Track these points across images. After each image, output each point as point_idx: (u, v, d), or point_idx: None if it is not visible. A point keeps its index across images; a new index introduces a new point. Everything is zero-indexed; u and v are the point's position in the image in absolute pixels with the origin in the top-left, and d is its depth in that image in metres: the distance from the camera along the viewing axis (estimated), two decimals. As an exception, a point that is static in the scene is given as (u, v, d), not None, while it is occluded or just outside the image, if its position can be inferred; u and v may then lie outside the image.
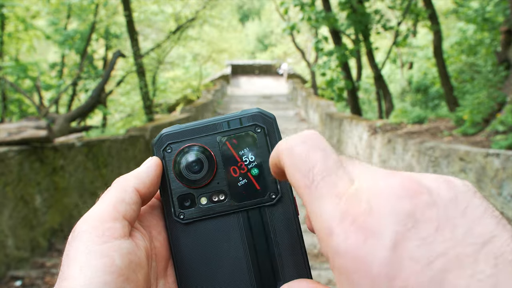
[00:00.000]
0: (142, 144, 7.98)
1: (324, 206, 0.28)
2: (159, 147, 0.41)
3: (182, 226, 0.40)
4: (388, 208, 0.26)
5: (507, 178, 3.78)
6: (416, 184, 0.27)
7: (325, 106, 13.35)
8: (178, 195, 0.40)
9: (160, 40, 15.33)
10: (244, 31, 45.46)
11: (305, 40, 25.01)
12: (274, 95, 23.37)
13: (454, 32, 13.60)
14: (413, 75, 15.92)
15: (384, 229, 0.25)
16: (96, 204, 0.36)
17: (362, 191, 0.28)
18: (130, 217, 0.36)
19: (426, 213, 0.26)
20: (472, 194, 0.27)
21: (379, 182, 0.28)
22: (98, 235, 0.33)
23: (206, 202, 0.40)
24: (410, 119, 7.75)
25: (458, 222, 0.25)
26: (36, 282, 3.82)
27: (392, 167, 6.73)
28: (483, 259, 0.24)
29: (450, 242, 0.24)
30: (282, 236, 0.38)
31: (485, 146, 5.03)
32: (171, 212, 0.40)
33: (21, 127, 4.35)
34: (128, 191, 0.37)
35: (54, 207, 4.83)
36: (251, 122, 0.40)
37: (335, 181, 0.29)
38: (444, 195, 0.27)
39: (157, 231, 0.40)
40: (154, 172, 0.39)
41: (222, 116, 0.41)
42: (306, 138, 0.31)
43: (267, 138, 0.40)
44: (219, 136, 0.40)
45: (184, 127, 0.41)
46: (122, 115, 15.95)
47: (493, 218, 0.26)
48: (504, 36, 7.61)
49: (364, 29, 10.24)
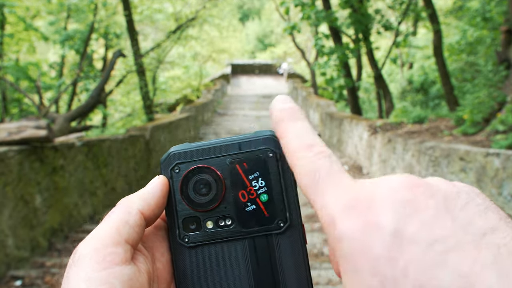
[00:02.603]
0: (142, 143, 7.97)
1: (328, 199, 0.29)
2: (167, 166, 0.40)
3: (186, 249, 0.39)
4: (388, 196, 0.27)
5: (507, 178, 3.78)
6: (415, 179, 0.28)
7: (325, 106, 13.35)
8: (184, 218, 0.39)
9: (160, 39, 15.33)
10: (244, 30, 45.45)
11: (305, 39, 25.01)
12: (274, 94, 23.23)
13: (455, 31, 13.59)
14: (413, 74, 15.92)
15: (384, 214, 0.26)
16: (99, 225, 0.35)
17: (364, 185, 0.29)
18: (133, 240, 0.35)
19: (425, 202, 0.26)
20: (475, 194, 0.27)
21: (381, 178, 0.29)
22: (98, 261, 0.32)
23: (212, 226, 0.39)
24: (410, 119, 7.75)
25: (458, 215, 0.26)
26: (36, 281, 3.82)
27: (392, 166, 6.73)
28: (485, 247, 0.24)
29: (450, 230, 0.25)
30: (288, 265, 0.37)
31: (485, 145, 5.03)
32: (175, 235, 0.39)
33: (21, 127, 4.35)
34: (132, 213, 0.36)
35: (54, 207, 4.83)
36: (263, 146, 0.39)
37: (339, 178, 0.30)
38: (443, 189, 0.27)
39: (160, 252, 0.39)
40: (160, 192, 0.38)
41: (233, 137, 0.40)
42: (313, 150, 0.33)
43: (279, 163, 0.39)
44: (230, 158, 0.39)
45: (194, 146, 0.40)
46: (122, 114, 15.95)
47: (496, 214, 0.26)
48: (504, 35, 7.61)
49: (365, 28, 10.25)
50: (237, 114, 17.26)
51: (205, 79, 23.42)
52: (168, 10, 15.11)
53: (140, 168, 7.83)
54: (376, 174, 7.49)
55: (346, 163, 9.04)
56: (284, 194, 0.38)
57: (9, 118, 10.16)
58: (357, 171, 8.35)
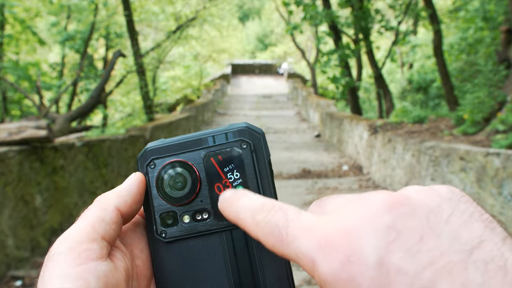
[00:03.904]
0: (142, 143, 7.98)
1: (300, 244, 0.27)
2: (143, 162, 0.40)
3: (164, 244, 0.38)
4: (366, 223, 0.25)
5: (507, 178, 3.78)
6: (393, 198, 0.26)
7: (325, 106, 13.36)
8: (161, 213, 0.39)
9: (160, 39, 15.34)
10: (244, 30, 45.45)
11: (306, 39, 25.01)
12: (274, 94, 23.37)
13: (455, 31, 13.59)
14: (413, 74, 15.92)
15: (365, 245, 0.24)
16: (75, 223, 0.35)
17: (335, 215, 0.27)
18: (110, 237, 0.35)
19: (408, 224, 0.25)
20: (457, 200, 0.26)
21: (353, 203, 0.27)
22: (73, 257, 0.32)
23: (189, 220, 0.38)
24: (410, 119, 7.75)
25: (443, 230, 0.25)
26: (36, 282, 3.81)
27: (392, 166, 6.73)
28: (473, 266, 0.23)
29: (437, 251, 0.24)
30: (266, 258, 0.37)
31: (486, 145, 5.03)
32: (153, 230, 0.39)
33: (21, 127, 4.35)
34: (109, 210, 0.36)
35: (54, 207, 4.83)
36: (237, 138, 0.39)
37: (300, 220, 0.29)
38: (425, 204, 0.26)
39: (139, 249, 0.39)
40: (137, 189, 0.38)
41: (208, 130, 0.40)
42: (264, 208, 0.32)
43: (253, 154, 0.38)
44: (204, 151, 0.39)
45: (169, 141, 0.40)
46: (122, 114, 15.96)
47: (480, 222, 0.25)
48: (504, 35, 7.61)
49: (365, 28, 10.26)
50: (237, 114, 17.27)
51: (205, 79, 23.44)
52: (168, 10, 15.11)
53: (140, 168, 7.83)
54: (376, 174, 7.49)
55: (346, 163, 9.05)
56: (260, 185, 0.38)
57: (9, 118, 10.16)
58: (357, 171, 8.35)
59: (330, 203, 0.30)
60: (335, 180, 7.62)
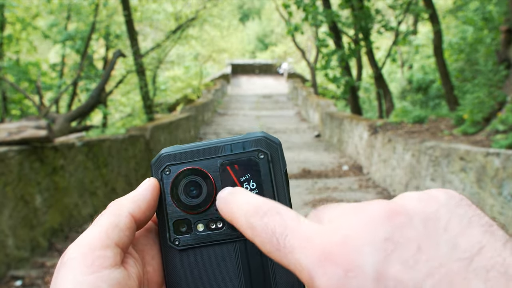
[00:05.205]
0: (142, 143, 7.98)
1: (298, 256, 0.27)
2: (158, 168, 0.39)
3: (176, 252, 0.38)
4: (364, 235, 0.25)
5: (507, 178, 3.78)
6: (389, 207, 0.26)
7: (325, 106, 13.36)
8: (175, 220, 0.38)
9: (160, 39, 15.34)
10: (244, 30, 45.45)
11: (306, 39, 25.01)
12: (274, 94, 23.38)
13: (455, 31, 13.59)
14: (413, 74, 15.92)
15: (363, 257, 0.24)
16: (89, 228, 0.35)
17: (333, 226, 0.27)
18: (123, 244, 0.35)
19: (405, 234, 0.24)
20: (455, 204, 0.26)
21: (351, 213, 0.27)
22: (87, 264, 0.32)
23: (203, 229, 0.38)
24: (410, 119, 7.75)
25: (441, 238, 0.24)
26: (36, 282, 3.82)
27: (392, 166, 6.73)
28: (474, 275, 0.22)
29: (435, 261, 0.23)
30: (280, 269, 0.37)
31: (485, 145, 5.03)
32: (166, 238, 0.38)
33: (21, 127, 4.35)
34: (122, 216, 0.35)
35: (54, 207, 4.83)
36: (254, 147, 0.38)
37: (297, 229, 0.28)
38: (421, 211, 0.25)
39: (151, 255, 0.39)
40: (151, 195, 0.38)
41: (225, 138, 0.40)
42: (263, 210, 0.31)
43: (270, 165, 0.38)
44: (220, 160, 0.38)
45: (185, 148, 0.39)
46: (122, 114, 15.96)
47: (480, 227, 0.25)
48: (504, 35, 7.61)
49: (365, 28, 10.26)
50: (237, 114, 17.27)
51: (205, 79, 23.45)
52: (168, 10, 15.12)
53: (141, 168, 7.83)
54: (376, 174, 7.49)
55: (346, 163, 9.05)
56: (276, 196, 0.38)
57: (9, 118, 10.16)
58: (357, 171, 8.36)
59: (327, 213, 0.29)
60: (335, 180, 7.62)
